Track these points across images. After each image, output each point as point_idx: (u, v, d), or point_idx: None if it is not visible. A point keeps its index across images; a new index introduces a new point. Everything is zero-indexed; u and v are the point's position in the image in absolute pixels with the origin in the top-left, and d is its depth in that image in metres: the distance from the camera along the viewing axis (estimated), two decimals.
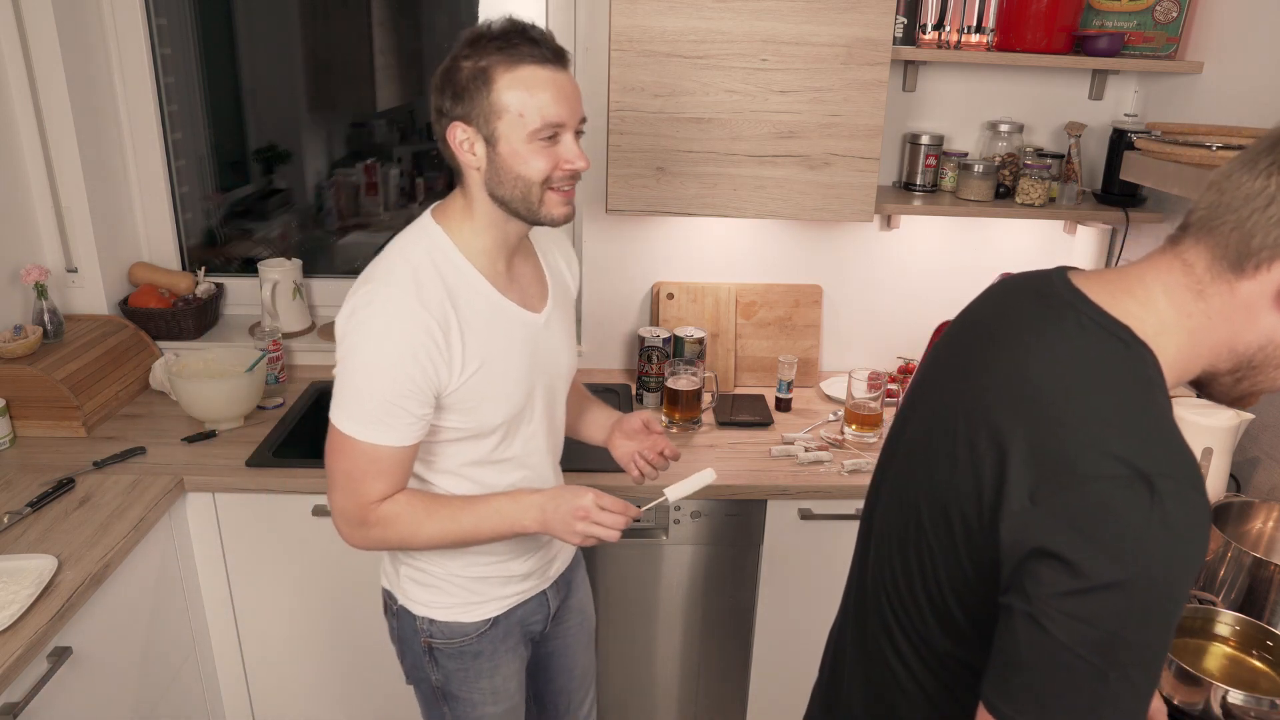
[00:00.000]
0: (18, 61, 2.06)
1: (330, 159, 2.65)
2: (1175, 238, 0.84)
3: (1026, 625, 0.75)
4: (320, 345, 2.42)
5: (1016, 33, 2.03)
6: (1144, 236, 2.18)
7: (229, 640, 2.04)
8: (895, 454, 1.01)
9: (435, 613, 1.39)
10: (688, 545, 2.01)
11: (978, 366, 0.87)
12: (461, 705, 1.44)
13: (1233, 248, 0.78)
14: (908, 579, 0.92)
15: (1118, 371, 0.80)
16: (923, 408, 0.96)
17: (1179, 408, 1.71)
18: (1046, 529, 0.74)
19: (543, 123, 1.14)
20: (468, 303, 1.21)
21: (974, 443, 0.82)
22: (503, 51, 1.12)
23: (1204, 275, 0.81)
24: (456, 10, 2.45)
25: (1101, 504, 0.72)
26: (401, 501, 1.23)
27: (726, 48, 1.89)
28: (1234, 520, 1.62)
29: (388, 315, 1.15)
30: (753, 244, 2.36)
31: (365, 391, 1.16)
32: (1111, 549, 0.71)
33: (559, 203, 1.20)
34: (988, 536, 0.79)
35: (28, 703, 1.38)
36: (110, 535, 1.65)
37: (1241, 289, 0.79)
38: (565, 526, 1.22)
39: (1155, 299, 0.82)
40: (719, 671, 2.17)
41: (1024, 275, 0.94)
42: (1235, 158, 0.81)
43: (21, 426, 2.01)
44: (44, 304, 2.09)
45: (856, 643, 1.06)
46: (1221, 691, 1.21)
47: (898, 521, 0.95)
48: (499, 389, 1.25)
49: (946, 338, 0.99)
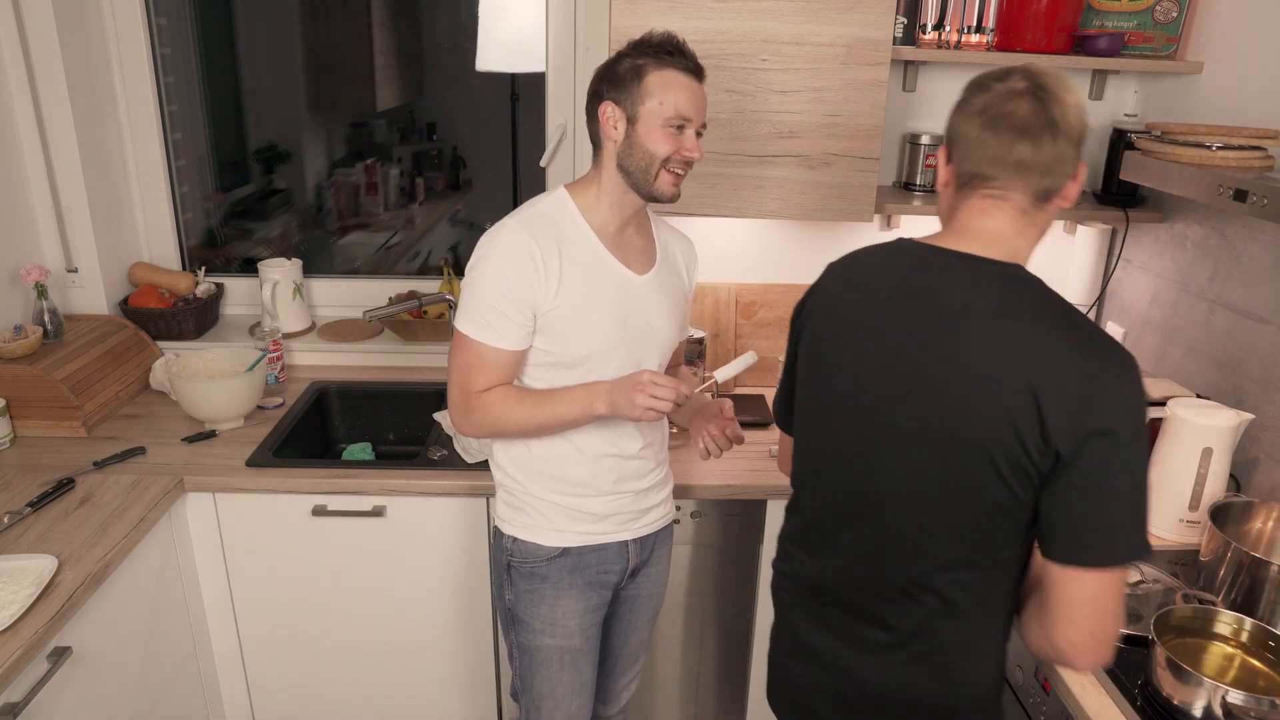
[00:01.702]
0: (18, 61, 2.06)
1: (330, 159, 2.65)
2: (995, 194, 1.12)
3: (1104, 488, 1.02)
4: (320, 345, 2.42)
5: (1016, 33, 2.03)
6: (1144, 236, 2.18)
7: (229, 640, 2.04)
8: (840, 404, 1.20)
9: (517, 531, 1.57)
10: (688, 545, 2.01)
11: (957, 343, 1.08)
12: (524, 630, 1.61)
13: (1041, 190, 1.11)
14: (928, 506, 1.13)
15: (1056, 303, 1.08)
16: (890, 368, 1.14)
17: (1179, 408, 1.71)
18: (1092, 419, 1.00)
19: (675, 113, 1.39)
20: (574, 246, 1.44)
21: (1001, 397, 1.04)
22: (656, 56, 1.40)
23: (1030, 209, 1.12)
24: (456, 10, 2.45)
25: (1119, 388, 1.02)
26: (498, 392, 1.46)
27: (726, 48, 1.89)
28: (1234, 520, 1.62)
29: (501, 239, 1.42)
30: (752, 244, 2.36)
31: (476, 297, 1.42)
32: (1139, 412, 1.03)
33: (670, 183, 1.43)
34: (1038, 454, 1.03)
35: (28, 703, 1.38)
36: (110, 535, 1.65)
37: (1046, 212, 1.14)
38: (628, 401, 1.38)
39: (1007, 239, 1.12)
40: (719, 671, 2.17)
41: (907, 249, 1.19)
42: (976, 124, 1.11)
43: (21, 426, 2.01)
44: (44, 304, 2.09)
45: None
46: (1221, 691, 1.21)
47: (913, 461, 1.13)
48: (587, 323, 1.45)
49: (872, 306, 1.18)
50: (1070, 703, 1.34)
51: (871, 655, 1.21)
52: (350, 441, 2.32)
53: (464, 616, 2.03)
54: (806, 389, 1.28)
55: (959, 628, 1.16)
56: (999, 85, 1.09)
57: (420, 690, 2.11)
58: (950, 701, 1.19)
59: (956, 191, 1.15)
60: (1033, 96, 1.06)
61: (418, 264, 2.69)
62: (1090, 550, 1.03)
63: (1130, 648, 1.41)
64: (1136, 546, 1.03)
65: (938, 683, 1.18)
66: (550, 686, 1.62)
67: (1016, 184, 1.09)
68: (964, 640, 1.17)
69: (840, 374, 1.20)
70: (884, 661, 1.20)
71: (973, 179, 1.12)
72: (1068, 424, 1.00)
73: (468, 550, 1.96)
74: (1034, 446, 1.02)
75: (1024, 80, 1.08)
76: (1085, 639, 1.05)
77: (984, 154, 1.09)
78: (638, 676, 1.84)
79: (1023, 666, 1.51)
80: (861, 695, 1.24)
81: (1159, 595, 1.53)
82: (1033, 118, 1.06)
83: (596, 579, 1.60)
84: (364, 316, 2.10)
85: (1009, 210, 1.11)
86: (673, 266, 1.60)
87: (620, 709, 1.85)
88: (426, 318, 2.40)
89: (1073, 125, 1.07)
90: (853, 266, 1.25)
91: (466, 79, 2.49)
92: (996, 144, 1.08)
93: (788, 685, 1.36)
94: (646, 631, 1.78)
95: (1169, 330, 2.06)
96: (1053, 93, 1.07)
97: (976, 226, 1.13)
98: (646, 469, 1.59)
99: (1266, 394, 1.76)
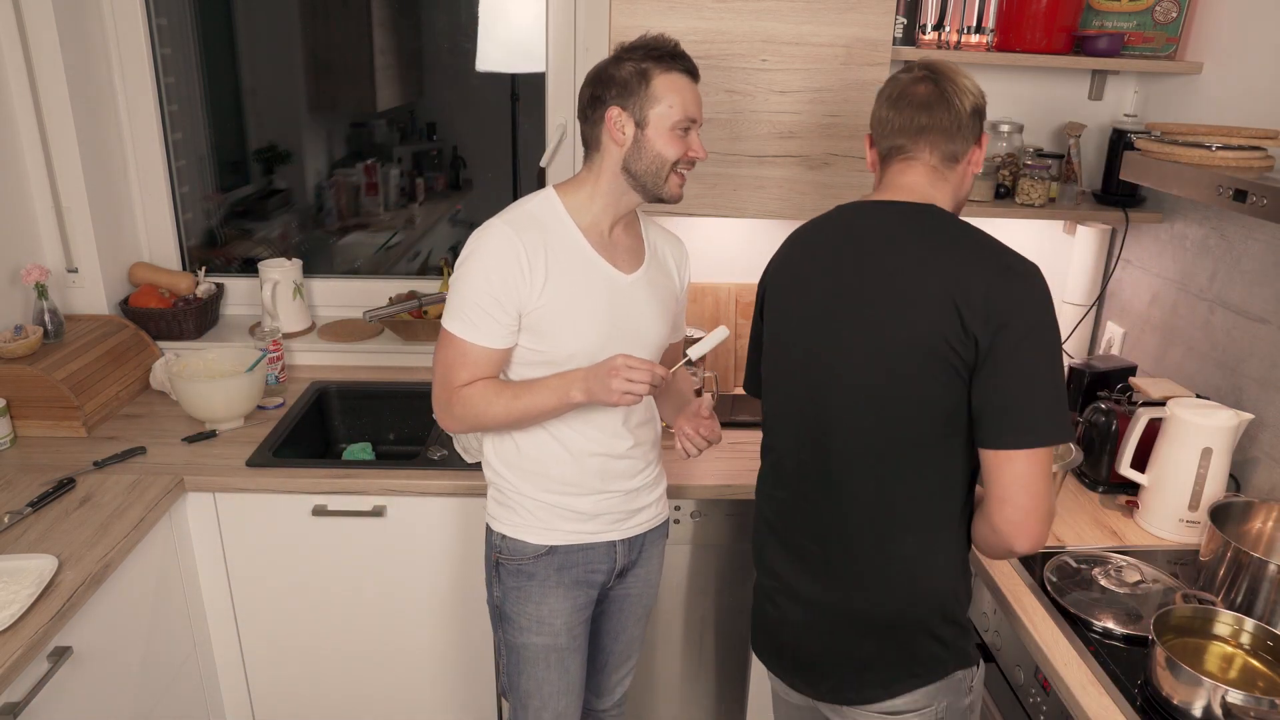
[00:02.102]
0: (18, 61, 2.06)
1: (330, 159, 2.65)
2: (908, 158, 1.32)
3: (1018, 371, 1.18)
4: (320, 345, 2.42)
5: (1016, 33, 2.03)
6: (1144, 236, 2.18)
7: (229, 640, 2.04)
8: (792, 340, 1.36)
9: (505, 529, 1.59)
10: (688, 545, 2.01)
11: (886, 266, 1.26)
12: (511, 627, 1.62)
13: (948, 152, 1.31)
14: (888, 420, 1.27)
15: (968, 229, 1.27)
16: (832, 300, 1.31)
17: (1179, 408, 1.71)
18: (1000, 315, 1.17)
19: (684, 116, 1.43)
20: (560, 246, 1.46)
21: (927, 307, 1.21)
22: (660, 60, 1.42)
23: (940, 168, 1.32)
24: (456, 10, 2.45)
25: (1021, 288, 1.19)
26: (479, 385, 1.48)
27: (726, 48, 1.89)
28: (1234, 520, 1.62)
29: (487, 238, 1.45)
30: (753, 244, 2.36)
31: (462, 295, 1.45)
32: (1040, 307, 1.19)
33: (678, 184, 1.47)
34: (973, 345, 1.18)
35: (28, 702, 1.38)
36: (110, 535, 1.65)
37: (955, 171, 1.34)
38: (604, 387, 1.38)
39: (923, 189, 1.32)
40: (719, 671, 2.17)
41: (844, 208, 1.38)
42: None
43: (22, 426, 2.01)
44: (44, 304, 2.09)
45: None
46: (1221, 691, 1.21)
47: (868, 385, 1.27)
48: (573, 322, 1.47)
49: (815, 255, 1.37)
50: (1070, 703, 1.34)
51: (839, 578, 1.34)
52: (350, 441, 2.33)
53: (464, 616, 2.03)
54: (770, 335, 1.44)
55: (915, 541, 1.30)
56: (904, 76, 1.33)
57: (420, 689, 2.11)
58: (919, 613, 1.31)
59: (880, 167, 1.37)
60: (929, 80, 1.30)
61: (418, 264, 2.69)
62: (1015, 433, 1.18)
63: (1130, 648, 1.41)
64: (1057, 427, 1.19)
65: (903, 595, 1.31)
66: (536, 685, 1.63)
67: (922, 146, 1.30)
68: (921, 552, 1.30)
69: (792, 317, 1.37)
70: (851, 583, 1.33)
71: (889, 151, 1.34)
72: (982, 322, 1.17)
73: (468, 550, 1.96)
74: (958, 343, 1.19)
75: (923, 70, 1.32)
76: (1021, 516, 1.20)
77: (892, 127, 1.31)
78: (632, 671, 1.84)
79: (1022, 666, 1.51)
80: (835, 621, 1.36)
81: (1159, 595, 1.53)
82: (928, 95, 1.29)
83: (583, 578, 1.60)
84: (364, 316, 2.10)
85: (921, 168, 1.32)
86: (662, 266, 1.61)
87: (616, 702, 1.85)
88: (426, 318, 2.41)
89: (964, 99, 1.29)
90: (800, 231, 1.44)
91: (466, 79, 2.49)
92: (900, 118, 1.30)
93: (769, 629, 1.47)
94: (638, 629, 1.78)
95: (1169, 330, 2.06)
96: (946, 75, 1.30)
97: (897, 183, 1.33)
98: (636, 469, 1.59)
99: (1266, 394, 1.76)
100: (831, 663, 1.37)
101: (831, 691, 1.38)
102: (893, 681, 1.33)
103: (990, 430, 1.20)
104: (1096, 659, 1.38)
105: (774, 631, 1.45)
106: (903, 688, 1.32)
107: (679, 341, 1.73)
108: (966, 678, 1.36)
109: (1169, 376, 2.04)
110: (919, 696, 1.33)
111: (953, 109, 1.28)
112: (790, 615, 1.41)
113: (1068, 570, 1.59)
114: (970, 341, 1.18)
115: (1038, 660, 1.44)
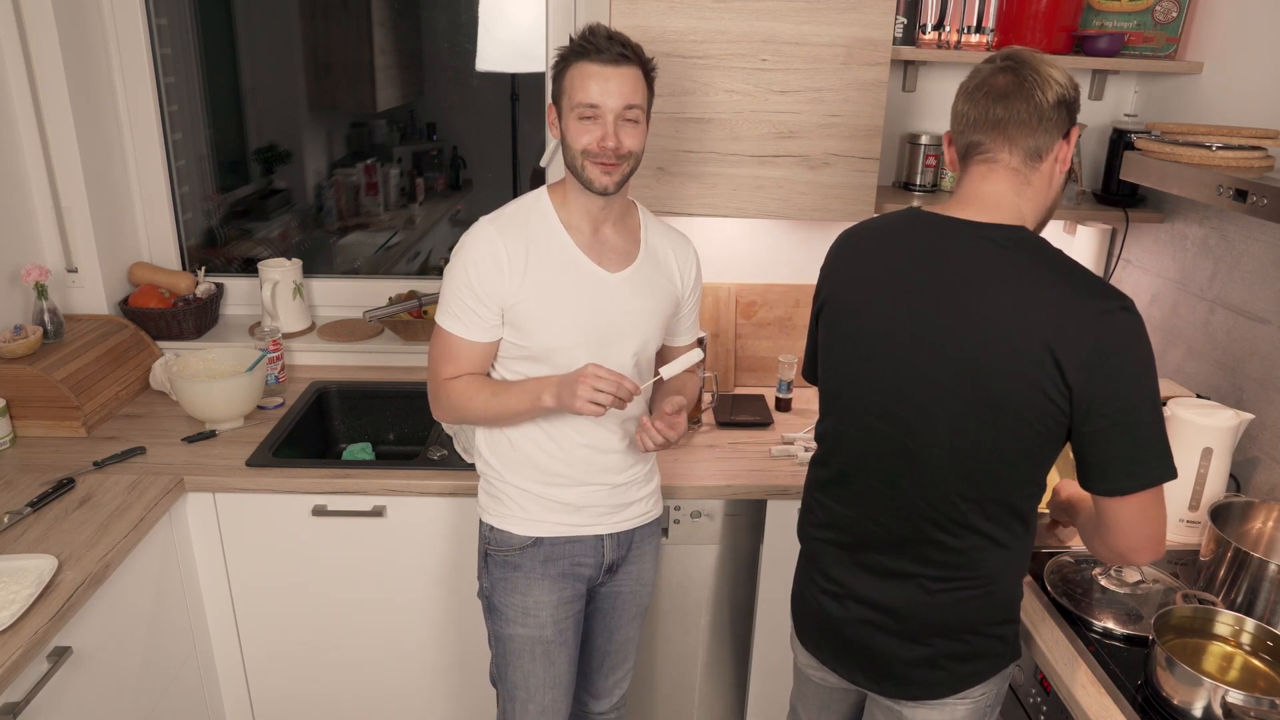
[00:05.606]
0: (18, 61, 2.06)
1: (330, 159, 2.65)
2: (987, 158, 1.24)
3: (1125, 419, 1.13)
4: (320, 345, 2.42)
5: (1016, 33, 2.03)
6: (1144, 236, 2.18)
7: (229, 640, 2.04)
8: (869, 367, 1.29)
9: (494, 519, 1.61)
10: (688, 545, 2.01)
11: (973, 308, 1.19)
12: (499, 617, 1.63)
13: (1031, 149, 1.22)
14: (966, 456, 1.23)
15: (1057, 261, 1.19)
16: (913, 333, 1.24)
17: (1179, 408, 1.71)
18: (1104, 363, 1.12)
19: (581, 103, 1.41)
20: (543, 243, 1.49)
21: (1020, 356, 1.15)
22: (574, 52, 1.44)
23: (1022, 169, 1.23)
24: (456, 10, 2.45)
25: (1124, 331, 1.13)
26: (464, 380, 1.53)
27: (726, 48, 1.89)
28: (1234, 520, 1.62)
29: (470, 238, 1.50)
30: (753, 244, 2.36)
31: (448, 291, 1.51)
32: (1143, 347, 1.14)
33: (598, 173, 1.44)
34: (1061, 399, 1.14)
35: (28, 702, 1.38)
36: (110, 535, 1.65)
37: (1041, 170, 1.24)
38: (571, 394, 1.40)
39: (1010, 202, 1.23)
40: (719, 671, 2.17)
41: (919, 218, 1.29)
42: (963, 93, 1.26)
43: (22, 426, 2.01)
44: (44, 304, 2.09)
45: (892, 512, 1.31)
46: (1221, 691, 1.21)
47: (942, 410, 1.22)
48: (552, 317, 1.49)
49: (891, 275, 1.28)
50: (1070, 703, 1.34)
51: (916, 593, 1.30)
52: (350, 441, 2.33)
53: (463, 616, 2.02)
54: (833, 354, 1.37)
55: (1002, 556, 1.27)
56: (985, 66, 1.25)
57: (420, 689, 2.11)
58: (992, 618, 1.31)
59: (960, 166, 1.29)
60: (1010, 70, 1.22)
61: (418, 264, 2.69)
62: (1126, 480, 1.16)
63: (1130, 648, 1.41)
64: (1167, 465, 1.16)
65: (980, 605, 1.29)
66: (523, 677, 1.64)
67: (1001, 143, 1.22)
68: (1008, 565, 1.29)
69: (867, 340, 1.30)
70: (931, 597, 1.30)
71: (968, 149, 1.26)
72: (1083, 371, 1.12)
73: (467, 550, 1.95)
74: (1057, 395, 1.14)
75: (1005, 60, 1.24)
76: (1141, 543, 1.20)
77: (969, 121, 1.24)
78: (629, 675, 1.84)
79: (1022, 666, 1.51)
80: (907, 626, 1.32)
81: (1159, 595, 1.53)
82: (1007, 85, 1.21)
83: (570, 571, 1.61)
84: (364, 316, 2.10)
85: (1002, 171, 1.23)
86: (659, 266, 1.60)
87: (613, 705, 1.85)
88: (426, 318, 2.40)
89: (1047, 89, 1.20)
90: (864, 237, 1.38)
91: (466, 79, 2.49)
92: (976, 111, 1.23)
93: (828, 626, 1.42)
94: (633, 629, 1.78)
95: (1169, 330, 2.06)
96: (1028, 64, 1.21)
97: (978, 192, 1.25)
98: (626, 464, 1.60)
99: (1266, 394, 1.76)
100: (901, 663, 1.34)
101: (896, 687, 1.35)
102: (959, 680, 1.32)
103: (1101, 481, 1.17)
104: (1097, 659, 1.38)
105: (835, 628, 1.40)
106: (965, 685, 1.32)
107: (689, 344, 1.72)
108: (1013, 668, 1.37)
109: (1169, 376, 2.04)
110: (976, 690, 1.33)
111: (1033, 101, 1.20)
112: (856, 614, 1.37)
113: (1068, 570, 1.59)
114: (1067, 394, 1.14)
115: (1038, 660, 1.44)
